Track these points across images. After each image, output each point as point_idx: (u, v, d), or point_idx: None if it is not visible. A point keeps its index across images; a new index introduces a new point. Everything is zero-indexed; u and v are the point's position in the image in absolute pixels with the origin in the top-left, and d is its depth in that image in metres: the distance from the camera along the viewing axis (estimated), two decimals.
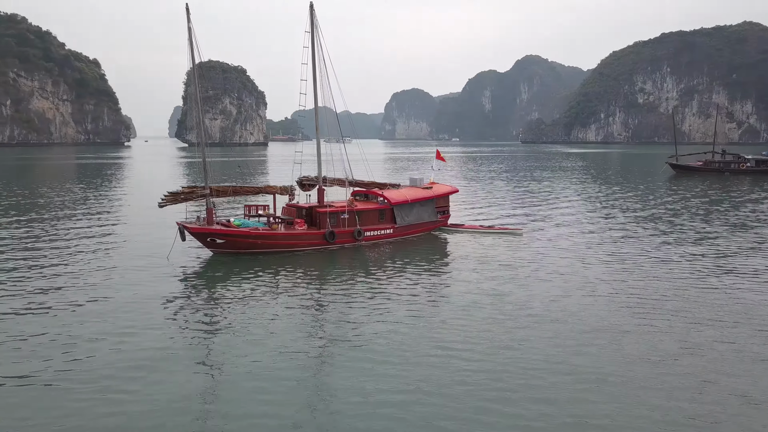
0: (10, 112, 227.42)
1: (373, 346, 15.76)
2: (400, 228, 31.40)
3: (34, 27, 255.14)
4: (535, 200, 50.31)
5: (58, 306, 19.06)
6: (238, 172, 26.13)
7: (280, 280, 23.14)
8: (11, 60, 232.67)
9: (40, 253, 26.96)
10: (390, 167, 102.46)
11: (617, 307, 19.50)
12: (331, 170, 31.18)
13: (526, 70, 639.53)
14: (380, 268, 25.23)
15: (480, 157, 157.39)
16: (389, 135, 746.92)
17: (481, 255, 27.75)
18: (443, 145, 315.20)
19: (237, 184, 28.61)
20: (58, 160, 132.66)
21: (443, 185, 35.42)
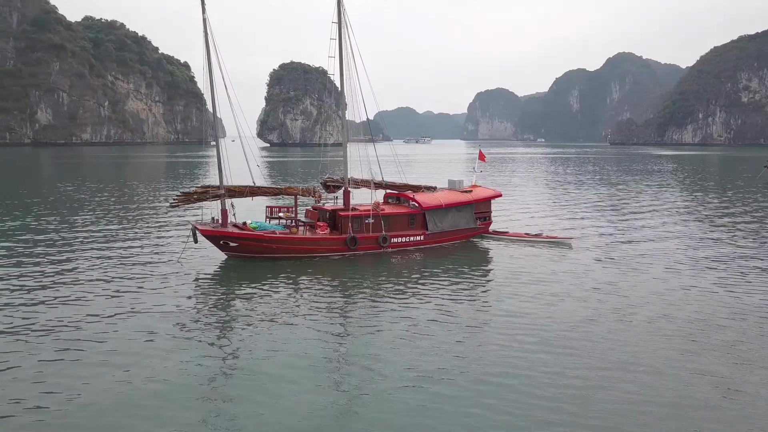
0: (107, 113, 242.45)
1: (389, 366, 14.23)
2: (432, 235, 28.92)
3: (131, 32, 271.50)
4: (600, 206, 45.93)
5: (58, 308, 18.34)
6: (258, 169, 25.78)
7: (290, 288, 21.58)
8: (110, 64, 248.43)
9: (63, 250, 26.77)
10: (457, 168, 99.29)
11: (654, 338, 16.30)
12: (400, 172, 29.37)
13: (618, 68, 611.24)
14: (402, 278, 23.20)
15: (561, 158, 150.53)
16: (472, 135, 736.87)
17: (520, 266, 25.08)
18: (528, 146, 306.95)
19: (255, 184, 27.09)
20: (149, 158, 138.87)
21: (485, 188, 32.54)
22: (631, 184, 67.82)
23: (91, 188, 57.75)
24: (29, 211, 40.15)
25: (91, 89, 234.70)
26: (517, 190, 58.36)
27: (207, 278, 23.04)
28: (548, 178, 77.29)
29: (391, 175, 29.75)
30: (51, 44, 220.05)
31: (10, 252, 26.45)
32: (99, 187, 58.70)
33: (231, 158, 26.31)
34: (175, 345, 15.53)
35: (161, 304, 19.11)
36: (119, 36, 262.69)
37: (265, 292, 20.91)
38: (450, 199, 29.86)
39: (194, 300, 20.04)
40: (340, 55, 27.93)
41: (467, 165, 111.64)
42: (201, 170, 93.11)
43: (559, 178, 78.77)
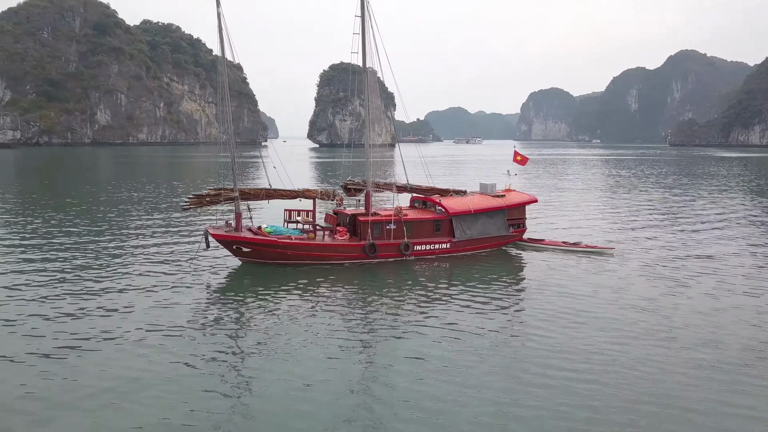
0: (163, 114, 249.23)
1: (406, 385, 13.36)
2: (459, 242, 27.03)
3: (186, 35, 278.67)
4: (650, 213, 42.72)
5: (63, 313, 17.74)
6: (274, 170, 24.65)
7: (302, 297, 20.44)
8: (166, 66, 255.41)
9: (76, 250, 26.29)
10: (505, 170, 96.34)
11: (695, 370, 14.10)
12: (442, 174, 27.85)
13: (679, 67, 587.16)
14: (424, 289, 21.70)
15: (616, 160, 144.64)
16: (525, 136, 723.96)
17: (554, 278, 23.14)
18: (583, 147, 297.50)
19: (272, 187, 25.88)
20: (202, 158, 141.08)
21: (519, 193, 30.34)
22: (688, 188, 63.37)
23: (132, 187, 58.25)
24: (60, 209, 40.38)
25: (147, 91, 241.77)
26: (561, 195, 55.15)
27: (218, 285, 22.04)
28: (598, 182, 73.52)
29: (434, 178, 28.01)
30: (110, 47, 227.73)
31: (20, 252, 26.14)
32: (137, 186, 59.18)
33: (284, 159, 25.35)
34: (182, 357, 14.75)
35: (169, 312, 18.32)
36: (175, 39, 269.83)
37: (277, 301, 19.85)
38: (480, 205, 27.89)
39: (204, 307, 19.23)
40: (363, 51, 26.38)
41: (517, 166, 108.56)
42: (249, 170, 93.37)
43: (609, 181, 74.88)
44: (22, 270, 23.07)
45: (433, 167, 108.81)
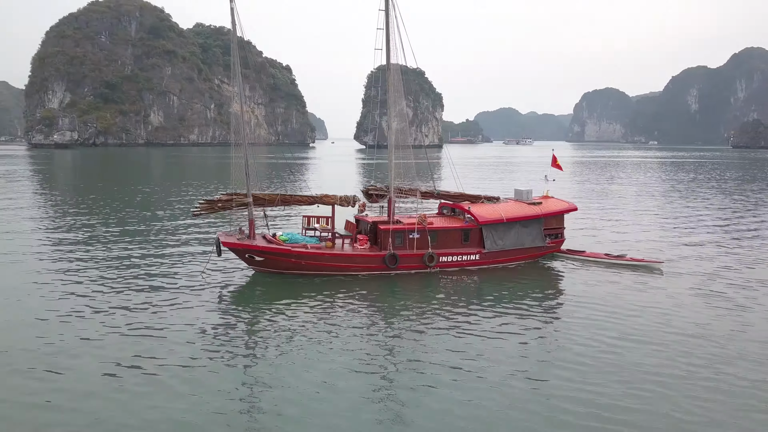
0: (213, 115, 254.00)
1: (429, 408, 12.34)
2: (490, 253, 24.94)
3: (237, 37, 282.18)
4: (706, 222, 39.16)
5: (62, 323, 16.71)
6: (288, 175, 23.32)
7: (316, 310, 19.00)
8: (217, 68, 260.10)
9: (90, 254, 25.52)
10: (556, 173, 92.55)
11: (753, 413, 11.88)
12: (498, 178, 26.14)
13: (744, 65, 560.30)
14: (448, 304, 19.98)
15: (673, 163, 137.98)
16: (578, 137, 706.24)
17: (593, 295, 21.03)
18: (638, 149, 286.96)
19: (287, 192, 24.49)
20: (250, 159, 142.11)
21: (557, 200, 27.93)
22: (751, 195, 58.46)
23: (173, 188, 58.21)
24: (89, 210, 40.22)
25: (198, 92, 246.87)
26: (607, 201, 51.39)
27: (228, 297, 20.80)
28: (650, 186, 68.94)
29: (476, 180, 26.14)
30: (164, 50, 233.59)
31: (40, 255, 25.53)
32: (179, 187, 59.11)
33: (330, 161, 24.03)
34: (192, 371, 14.03)
35: (179, 324, 17.34)
36: (226, 41, 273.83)
37: (287, 316, 18.49)
38: (513, 213, 25.70)
39: (214, 319, 18.05)
40: (387, 47, 24.64)
41: (571, 168, 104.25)
42: (296, 171, 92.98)
43: (664, 186, 70.19)
44: (27, 271, 22.39)
45: (478, 169, 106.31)
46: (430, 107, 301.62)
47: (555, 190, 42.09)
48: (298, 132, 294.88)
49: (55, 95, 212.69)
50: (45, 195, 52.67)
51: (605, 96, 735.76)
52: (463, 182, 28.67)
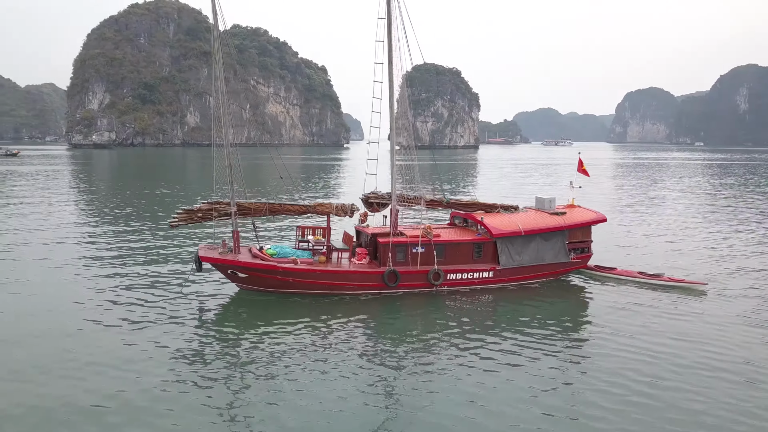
0: (248, 116, 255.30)
1: None
2: (505, 271, 22.07)
3: (273, 38, 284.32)
4: (759, 237, 34.88)
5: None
6: (281, 180, 21.64)
7: (298, 336, 16.81)
8: (253, 69, 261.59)
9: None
10: (595, 175, 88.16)
11: None
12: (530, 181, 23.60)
13: None
14: (456, 328, 17.64)
15: (721, 166, 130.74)
16: (619, 138, 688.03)
17: (625, 321, 18.36)
18: (683, 151, 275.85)
19: (276, 201, 22.06)
20: (285, 160, 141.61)
21: (584, 209, 24.77)
22: None
23: (197, 187, 56.77)
24: (95, 213, 38.76)
25: (234, 93, 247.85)
26: (644, 209, 46.89)
27: (208, 319, 18.52)
28: (695, 192, 63.59)
29: (506, 183, 23.52)
30: (201, 51, 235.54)
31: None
32: (191, 188, 57.65)
33: (362, 162, 21.90)
34: (162, 402, 12.61)
35: (153, 349, 15.47)
36: (262, 42, 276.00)
37: (270, 341, 16.37)
38: (533, 224, 22.73)
39: (195, 343, 16.04)
40: (389, 38, 21.97)
41: (609, 171, 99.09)
42: (333, 173, 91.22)
43: (710, 191, 64.70)
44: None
45: (509, 171, 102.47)
46: (465, 107, 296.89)
47: (583, 197, 38.66)
48: (332, 133, 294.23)
49: (96, 96, 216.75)
50: (59, 196, 51.77)
51: (649, 95, 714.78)
52: (488, 186, 25.99)
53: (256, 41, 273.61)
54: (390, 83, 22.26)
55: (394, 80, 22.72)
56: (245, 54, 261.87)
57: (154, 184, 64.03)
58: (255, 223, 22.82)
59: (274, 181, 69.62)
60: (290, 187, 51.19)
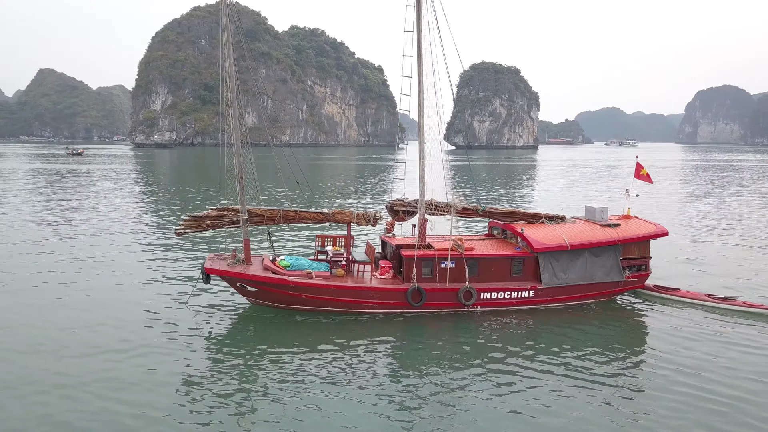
0: (305, 116, 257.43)
1: None
2: (548, 290, 19.41)
3: (330, 39, 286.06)
4: None
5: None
6: (297, 187, 20.27)
7: (307, 358, 15.10)
8: (310, 69, 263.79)
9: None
10: (664, 179, 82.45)
11: None
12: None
13: None
14: (491, 357, 15.43)
15: None
16: (689, 138, 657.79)
17: (689, 352, 15.81)
18: (760, 152, 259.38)
19: (291, 207, 20.12)
20: (341, 160, 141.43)
21: (642, 221, 21.68)
22: None
23: None
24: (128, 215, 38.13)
25: (291, 94, 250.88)
26: (714, 220, 40.99)
27: (215, 336, 16.85)
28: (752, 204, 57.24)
29: (554, 187, 21.00)
30: (260, 53, 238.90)
31: None
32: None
33: (413, 164, 20.00)
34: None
35: (153, 369, 14.27)
36: (319, 42, 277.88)
37: (282, 362, 14.80)
38: (581, 237, 19.92)
39: (196, 366, 14.53)
40: (418, 28, 19.68)
41: (675, 174, 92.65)
42: (385, 174, 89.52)
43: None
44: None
45: (566, 173, 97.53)
46: (524, 106, 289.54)
47: (641, 207, 34.96)
48: (387, 133, 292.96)
49: (158, 97, 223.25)
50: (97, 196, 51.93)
51: (722, 94, 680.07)
52: (538, 190, 23.17)
53: (314, 42, 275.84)
54: (419, 77, 19.95)
55: (430, 74, 20.40)
56: (303, 55, 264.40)
57: (209, 183, 63.69)
58: (270, 231, 21.04)
59: (321, 184, 68.41)
60: (320, 190, 49.53)
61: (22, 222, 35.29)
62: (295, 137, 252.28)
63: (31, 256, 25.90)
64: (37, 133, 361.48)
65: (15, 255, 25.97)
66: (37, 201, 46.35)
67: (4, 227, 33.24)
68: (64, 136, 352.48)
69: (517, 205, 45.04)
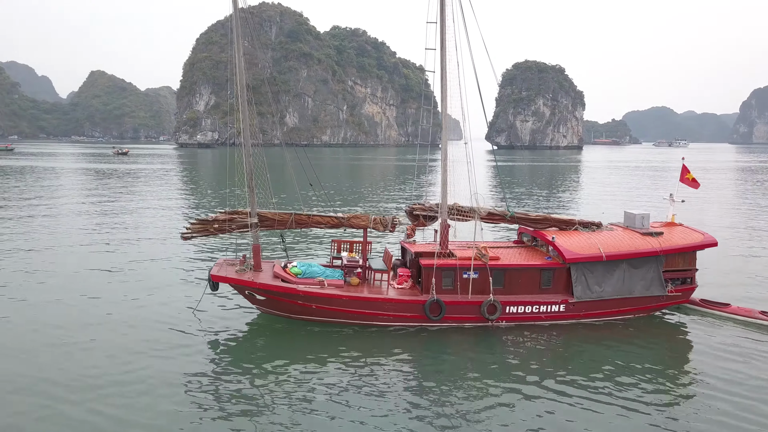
0: (345, 116, 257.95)
1: None
2: (581, 304, 17.75)
3: (371, 39, 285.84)
4: None
5: None
6: (311, 189, 19.21)
7: (315, 374, 14.03)
8: (350, 69, 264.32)
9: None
10: (716, 181, 78.50)
11: None
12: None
13: None
14: (517, 378, 13.99)
15: None
16: (743, 139, 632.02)
17: (743, 374, 14.28)
18: None
19: (304, 211, 18.95)
20: (380, 160, 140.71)
21: (687, 229, 19.70)
22: None
23: None
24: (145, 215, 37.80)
25: (332, 94, 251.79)
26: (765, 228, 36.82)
27: (223, 347, 15.91)
28: None
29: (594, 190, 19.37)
30: (301, 53, 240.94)
31: None
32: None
33: (456, 163, 18.94)
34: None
35: (159, 377, 13.54)
36: (360, 43, 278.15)
37: (291, 377, 13.87)
38: (618, 246, 18.17)
39: (197, 379, 13.65)
40: (441, 22, 18.29)
41: (727, 177, 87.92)
42: (423, 175, 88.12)
43: None
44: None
45: (608, 175, 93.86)
46: (569, 106, 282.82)
47: (687, 213, 32.40)
48: (428, 133, 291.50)
49: (202, 98, 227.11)
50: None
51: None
52: (579, 192, 21.45)
53: (355, 42, 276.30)
54: (442, 71, 18.58)
55: (455, 69, 19.06)
56: (344, 55, 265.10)
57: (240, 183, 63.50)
58: (284, 236, 19.98)
59: (357, 185, 67.53)
60: (355, 191, 48.36)
61: (54, 222, 35.35)
62: (335, 137, 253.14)
63: (32, 257, 25.57)
64: (88, 133, 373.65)
65: (18, 258, 25.70)
66: (71, 202, 46.72)
67: (33, 229, 33.28)
68: (113, 136, 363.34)
69: (553, 209, 42.93)
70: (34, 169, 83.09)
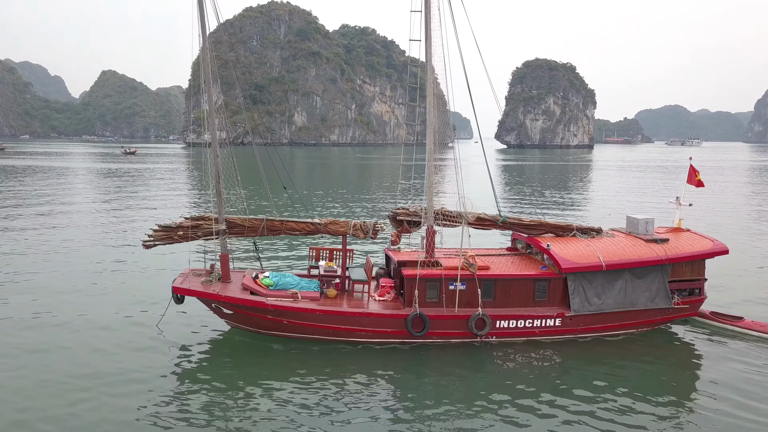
0: (354, 115, 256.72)
1: None
2: (579, 318, 16.23)
3: (381, 37, 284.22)
4: None
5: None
6: (287, 194, 17.91)
7: (291, 401, 12.63)
8: (359, 68, 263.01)
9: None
10: (731, 182, 76.20)
11: None
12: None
13: None
14: (506, 402, 12.66)
15: None
16: (758, 137, 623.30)
17: (757, 396, 12.90)
18: None
19: (276, 216, 17.52)
20: (389, 159, 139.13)
21: (695, 236, 18.10)
22: None
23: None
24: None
25: (340, 93, 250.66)
26: None
27: (186, 365, 14.57)
28: None
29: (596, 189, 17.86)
30: (310, 52, 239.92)
31: None
32: None
33: (465, 163, 17.62)
34: None
35: (117, 399, 12.46)
36: (369, 41, 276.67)
37: (260, 398, 12.72)
38: (620, 255, 16.63)
39: (154, 402, 12.46)
40: (426, 15, 16.88)
41: (741, 178, 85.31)
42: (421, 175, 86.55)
43: None
44: None
45: (616, 175, 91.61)
46: (580, 104, 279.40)
47: (693, 218, 30.58)
48: (437, 131, 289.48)
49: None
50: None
51: None
52: (584, 193, 19.92)
53: (364, 40, 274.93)
54: (427, 63, 17.20)
55: (440, 61, 17.76)
56: (353, 54, 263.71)
57: (251, 183, 62.39)
58: (257, 243, 18.60)
59: (366, 185, 66.24)
60: (364, 191, 46.96)
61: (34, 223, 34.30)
62: (344, 137, 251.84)
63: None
64: (99, 132, 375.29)
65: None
66: (65, 203, 45.77)
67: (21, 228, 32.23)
68: (124, 135, 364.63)
69: (554, 211, 41.23)
70: (16, 169, 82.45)
